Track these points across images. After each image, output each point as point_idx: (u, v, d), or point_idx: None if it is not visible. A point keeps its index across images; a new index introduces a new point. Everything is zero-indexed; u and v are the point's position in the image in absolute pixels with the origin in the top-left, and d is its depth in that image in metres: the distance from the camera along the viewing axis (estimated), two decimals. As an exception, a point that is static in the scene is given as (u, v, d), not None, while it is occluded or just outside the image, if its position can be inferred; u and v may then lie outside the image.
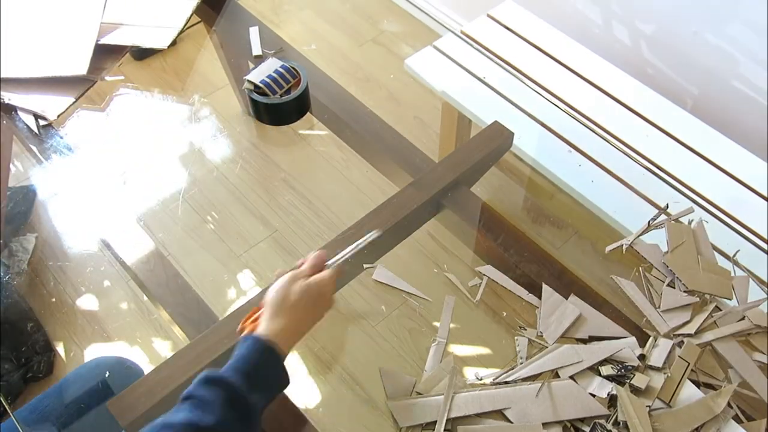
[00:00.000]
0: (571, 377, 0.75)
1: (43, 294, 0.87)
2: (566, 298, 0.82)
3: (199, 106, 1.07)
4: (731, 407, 0.73)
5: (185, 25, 1.14)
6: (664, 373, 0.75)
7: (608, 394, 0.73)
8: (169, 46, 1.11)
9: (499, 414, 0.73)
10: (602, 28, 1.29)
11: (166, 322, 0.82)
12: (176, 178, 0.98)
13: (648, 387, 0.74)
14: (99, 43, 1.09)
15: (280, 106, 0.95)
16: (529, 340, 0.79)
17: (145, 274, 0.85)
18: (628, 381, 0.74)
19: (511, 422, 0.72)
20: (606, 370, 0.75)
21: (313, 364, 0.78)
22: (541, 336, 0.79)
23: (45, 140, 0.93)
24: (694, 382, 0.75)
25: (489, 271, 0.84)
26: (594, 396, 0.73)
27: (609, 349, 0.77)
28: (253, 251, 1.14)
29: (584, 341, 0.78)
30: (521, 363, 0.77)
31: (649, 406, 0.73)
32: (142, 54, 1.14)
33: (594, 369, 0.76)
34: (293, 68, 0.98)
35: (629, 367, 0.75)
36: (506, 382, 0.75)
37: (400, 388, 0.76)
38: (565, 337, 0.78)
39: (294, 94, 0.95)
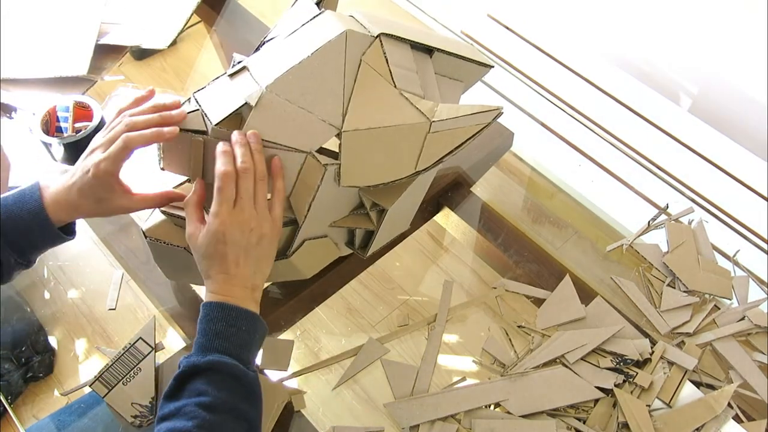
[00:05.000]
0: (566, 365, 0.75)
1: (43, 294, 0.87)
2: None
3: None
4: (731, 407, 0.73)
5: (185, 25, 1.14)
6: (665, 373, 0.75)
7: (615, 384, 0.73)
8: (169, 46, 1.11)
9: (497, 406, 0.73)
10: (602, 28, 1.29)
11: (165, 322, 0.82)
12: (176, 177, 0.97)
13: (647, 387, 0.74)
14: (99, 43, 1.09)
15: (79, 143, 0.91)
16: (527, 331, 0.79)
17: (145, 274, 0.85)
18: (629, 379, 0.74)
19: (510, 413, 0.72)
20: (605, 362, 0.75)
21: (313, 364, 0.79)
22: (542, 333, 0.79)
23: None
24: (694, 382, 0.75)
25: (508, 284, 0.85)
26: (600, 388, 0.73)
27: (609, 331, 0.78)
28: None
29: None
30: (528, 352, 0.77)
31: (649, 406, 0.73)
32: (142, 54, 1.14)
33: (595, 360, 0.76)
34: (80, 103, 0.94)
35: (628, 361, 0.75)
36: (516, 373, 0.76)
37: (403, 378, 0.77)
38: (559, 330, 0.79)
39: (90, 128, 0.92)
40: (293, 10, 0.77)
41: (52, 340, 0.91)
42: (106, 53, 1.10)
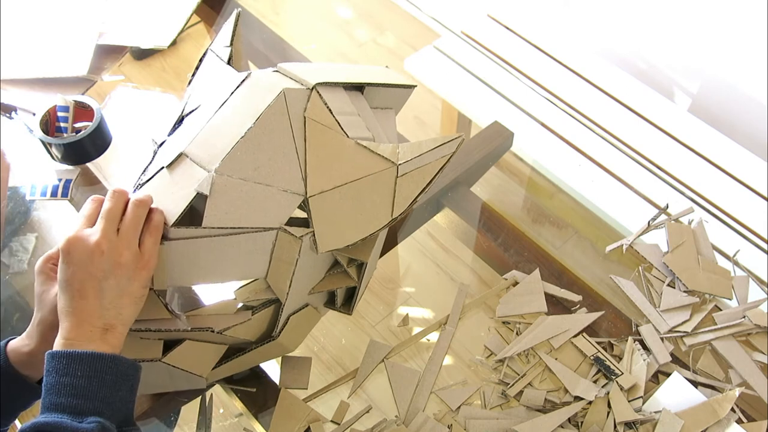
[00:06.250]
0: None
1: (43, 294, 0.87)
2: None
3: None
4: (734, 411, 0.73)
5: (185, 25, 1.14)
6: (644, 360, 0.75)
7: (595, 397, 0.73)
8: (169, 46, 1.11)
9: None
10: (602, 28, 1.29)
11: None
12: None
13: (638, 386, 0.74)
14: (99, 43, 1.10)
15: (77, 144, 0.91)
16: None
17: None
18: (613, 378, 0.74)
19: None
20: (588, 348, 0.76)
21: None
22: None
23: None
24: (693, 382, 0.75)
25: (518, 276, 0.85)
26: (581, 398, 0.73)
27: (591, 317, 0.79)
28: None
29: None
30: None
31: (641, 408, 0.73)
32: (142, 54, 1.14)
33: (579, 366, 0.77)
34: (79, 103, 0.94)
35: (609, 368, 0.75)
36: (505, 358, 0.77)
37: (404, 380, 0.76)
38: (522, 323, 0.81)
39: (90, 128, 0.91)
40: (203, 75, 0.73)
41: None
42: (106, 53, 1.10)
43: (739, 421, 0.72)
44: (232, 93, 0.66)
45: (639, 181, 0.99)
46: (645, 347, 0.78)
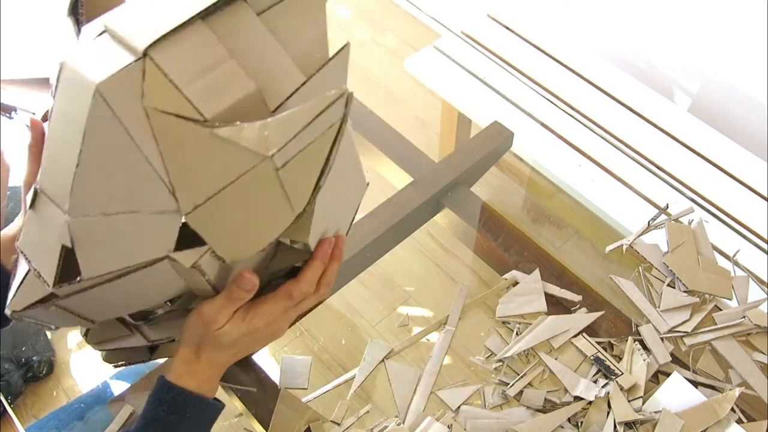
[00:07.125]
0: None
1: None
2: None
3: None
4: (734, 411, 0.73)
5: (185, 25, 1.14)
6: (644, 360, 0.75)
7: (595, 397, 0.73)
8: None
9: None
10: (602, 28, 1.29)
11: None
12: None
13: (638, 386, 0.74)
14: (99, 43, 1.09)
15: None
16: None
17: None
18: (613, 378, 0.74)
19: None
20: (588, 349, 0.76)
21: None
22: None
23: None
24: (693, 382, 0.75)
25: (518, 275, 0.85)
26: (581, 398, 0.73)
27: (590, 317, 0.79)
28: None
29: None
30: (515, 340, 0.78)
31: (641, 408, 0.73)
32: (142, 54, 1.14)
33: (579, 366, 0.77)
34: None
35: (609, 368, 0.75)
36: (505, 358, 0.77)
37: (404, 380, 0.76)
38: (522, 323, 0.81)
39: None
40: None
41: (52, 340, 0.92)
42: (106, 53, 1.10)
43: (739, 421, 0.72)
44: (53, 95, 0.50)
45: (639, 181, 0.99)
46: (645, 347, 0.78)
